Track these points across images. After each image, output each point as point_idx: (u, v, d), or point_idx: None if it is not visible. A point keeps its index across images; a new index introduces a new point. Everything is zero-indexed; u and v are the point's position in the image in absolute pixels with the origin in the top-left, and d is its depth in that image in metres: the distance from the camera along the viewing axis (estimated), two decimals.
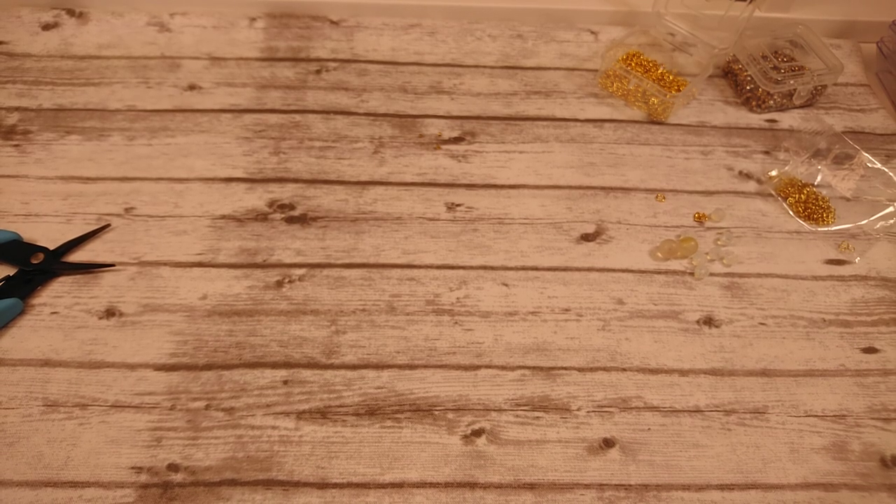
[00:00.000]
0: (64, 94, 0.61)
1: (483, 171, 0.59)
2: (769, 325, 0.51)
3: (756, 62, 0.64)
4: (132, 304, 0.49)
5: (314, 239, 0.53)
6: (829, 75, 0.64)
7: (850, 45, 0.72)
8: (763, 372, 0.49)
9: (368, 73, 0.65)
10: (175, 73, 0.63)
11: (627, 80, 0.63)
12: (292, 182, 0.57)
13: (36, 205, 0.54)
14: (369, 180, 0.57)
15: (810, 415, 0.47)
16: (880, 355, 0.50)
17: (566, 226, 0.56)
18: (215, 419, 0.44)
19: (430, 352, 0.48)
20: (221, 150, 0.58)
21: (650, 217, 0.57)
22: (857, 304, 0.53)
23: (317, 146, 0.59)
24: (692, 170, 0.60)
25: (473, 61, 0.67)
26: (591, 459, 0.44)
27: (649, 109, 0.64)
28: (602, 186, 0.58)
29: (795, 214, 0.58)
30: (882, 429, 0.46)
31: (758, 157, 0.62)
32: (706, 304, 0.52)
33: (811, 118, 0.64)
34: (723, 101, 0.66)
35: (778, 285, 0.53)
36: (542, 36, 0.70)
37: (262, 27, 0.68)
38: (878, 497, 0.44)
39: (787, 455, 0.45)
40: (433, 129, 0.61)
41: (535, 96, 0.65)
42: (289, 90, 0.63)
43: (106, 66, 0.63)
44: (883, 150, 0.63)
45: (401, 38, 0.69)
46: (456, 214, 0.56)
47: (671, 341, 0.50)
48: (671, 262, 0.54)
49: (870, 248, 0.56)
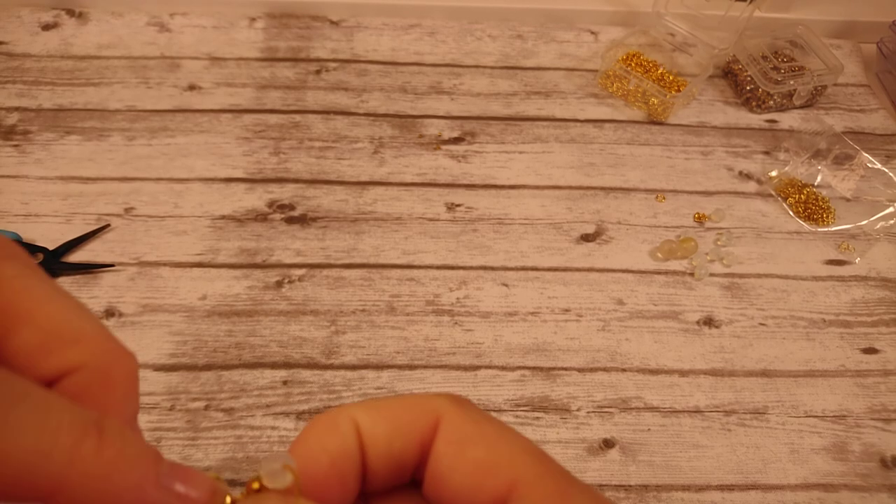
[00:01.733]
0: (64, 95, 0.61)
1: (483, 172, 0.59)
2: (769, 325, 0.51)
3: (756, 62, 0.64)
4: (132, 304, 0.49)
5: (314, 239, 0.53)
6: (829, 75, 0.64)
7: (851, 45, 0.72)
8: (763, 372, 0.49)
9: (368, 73, 0.65)
10: (175, 73, 0.63)
11: (627, 80, 0.63)
12: (292, 182, 0.57)
13: (35, 205, 0.54)
14: (369, 180, 0.57)
15: (810, 415, 0.47)
16: (880, 356, 0.50)
17: (566, 226, 0.56)
18: (215, 419, 0.44)
19: (429, 352, 0.48)
20: (221, 151, 0.58)
21: (650, 217, 0.57)
22: (857, 305, 0.53)
23: (317, 146, 0.59)
24: (692, 170, 0.60)
25: (473, 61, 0.67)
26: (591, 460, 0.44)
27: (649, 110, 0.64)
28: (602, 187, 0.58)
29: (795, 215, 0.58)
30: (882, 429, 0.46)
31: (758, 158, 0.62)
32: (706, 304, 0.52)
33: (811, 118, 0.64)
34: (723, 102, 0.66)
35: (778, 286, 0.53)
36: (542, 36, 0.70)
37: (261, 27, 0.68)
38: (879, 498, 0.44)
39: (787, 455, 0.45)
40: (433, 129, 0.61)
41: (535, 96, 0.65)
42: (289, 90, 0.63)
43: (106, 67, 0.63)
44: (883, 150, 0.63)
45: (401, 39, 0.69)
46: (456, 215, 0.56)
47: (671, 342, 0.50)
48: (671, 263, 0.54)
49: (870, 249, 0.56)
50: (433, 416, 0.21)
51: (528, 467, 0.20)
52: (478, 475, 0.21)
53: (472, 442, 0.21)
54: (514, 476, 0.20)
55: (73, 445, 0.15)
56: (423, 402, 0.21)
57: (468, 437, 0.21)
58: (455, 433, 0.21)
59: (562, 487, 0.20)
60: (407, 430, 0.21)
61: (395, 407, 0.21)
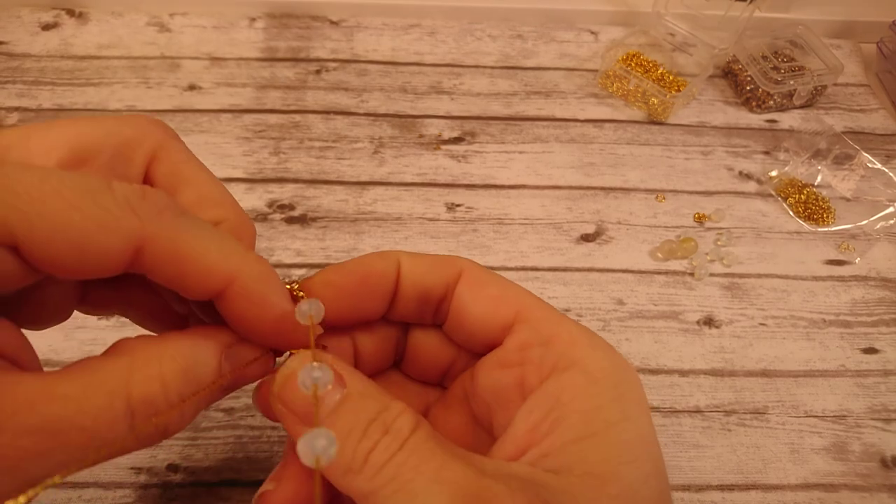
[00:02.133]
0: (64, 95, 0.61)
1: (483, 172, 0.59)
2: (769, 325, 0.51)
3: (756, 62, 0.64)
4: None
5: (314, 239, 0.53)
6: (829, 75, 0.64)
7: (851, 45, 0.72)
8: (763, 372, 0.49)
9: (368, 73, 0.65)
10: (175, 73, 0.63)
11: (627, 80, 0.63)
12: (292, 182, 0.57)
13: None
14: (369, 180, 0.57)
15: (810, 415, 0.47)
16: (880, 356, 0.50)
17: (566, 226, 0.56)
18: (215, 419, 0.44)
19: None
20: (221, 151, 0.58)
21: (650, 217, 0.57)
22: (857, 305, 0.53)
23: (317, 146, 0.59)
24: (692, 170, 0.60)
25: (473, 61, 0.67)
26: None
27: (649, 110, 0.64)
28: (602, 187, 0.58)
29: (795, 215, 0.58)
30: (882, 429, 0.46)
31: (758, 158, 0.62)
32: (706, 304, 0.52)
33: (811, 118, 0.64)
34: (723, 102, 0.66)
35: (778, 286, 0.53)
36: (542, 36, 0.70)
37: (261, 27, 0.68)
38: (879, 497, 0.44)
39: (787, 455, 0.45)
40: (433, 129, 0.61)
41: (535, 96, 0.65)
42: (289, 90, 0.63)
43: (106, 67, 0.63)
44: (883, 150, 0.63)
45: (401, 39, 0.69)
46: (456, 215, 0.56)
47: (671, 341, 0.50)
48: (671, 263, 0.54)
49: (870, 249, 0.56)
50: (458, 268, 0.28)
51: (531, 301, 0.27)
52: (491, 305, 0.27)
53: (487, 284, 0.28)
54: (519, 306, 0.27)
55: (244, 251, 0.24)
56: (451, 258, 0.28)
57: (484, 281, 0.28)
58: (474, 278, 0.28)
59: (556, 315, 0.27)
60: (437, 272, 0.27)
61: (431, 256, 0.28)
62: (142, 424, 0.20)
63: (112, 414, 0.20)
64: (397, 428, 0.22)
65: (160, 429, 0.21)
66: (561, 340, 0.25)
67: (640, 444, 0.24)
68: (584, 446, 0.23)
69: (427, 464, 0.21)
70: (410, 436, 0.21)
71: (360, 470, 0.21)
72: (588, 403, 0.23)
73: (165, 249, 0.21)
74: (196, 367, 0.23)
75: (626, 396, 0.24)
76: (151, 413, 0.21)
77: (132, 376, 0.21)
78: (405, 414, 0.22)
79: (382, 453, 0.21)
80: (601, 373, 0.24)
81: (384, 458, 0.21)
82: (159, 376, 0.21)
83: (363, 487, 0.21)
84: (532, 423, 0.24)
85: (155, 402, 0.21)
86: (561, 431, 0.23)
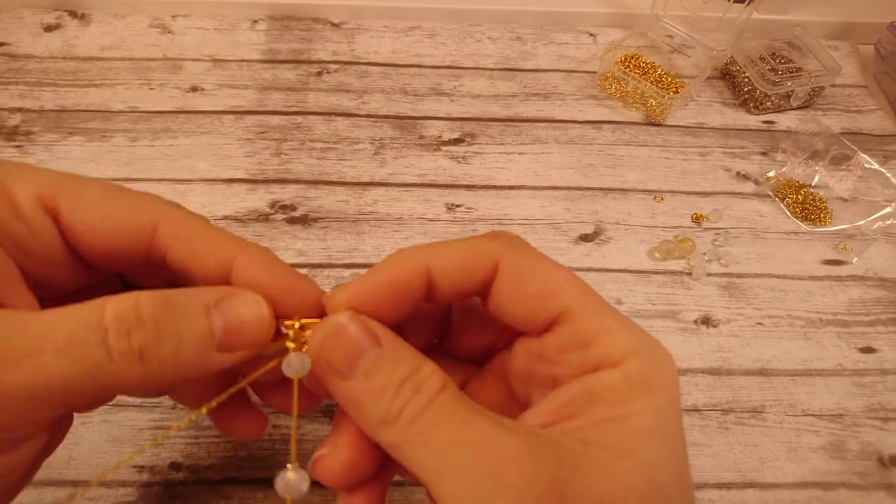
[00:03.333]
0: (66, 96, 0.61)
1: (483, 173, 0.59)
2: (766, 324, 0.51)
3: (754, 64, 0.64)
4: None
5: (315, 239, 0.54)
6: (826, 77, 0.64)
7: (848, 46, 0.72)
8: (761, 371, 0.49)
9: (369, 75, 0.66)
10: (177, 74, 0.64)
11: (626, 81, 0.64)
12: (293, 183, 0.57)
13: None
14: (370, 181, 0.58)
15: (808, 414, 0.47)
16: (878, 355, 0.50)
17: (565, 226, 0.56)
18: None
19: None
20: (223, 152, 0.59)
21: (648, 218, 0.57)
22: (854, 305, 0.53)
23: (318, 147, 0.60)
24: (690, 171, 0.61)
25: (473, 63, 0.68)
26: None
27: (647, 111, 0.64)
28: (600, 187, 0.59)
29: (793, 215, 0.58)
30: (880, 428, 0.47)
31: (755, 159, 0.62)
32: (704, 304, 0.52)
33: (809, 119, 0.64)
34: (720, 103, 0.67)
35: (775, 285, 0.54)
36: (541, 38, 0.71)
37: (263, 29, 0.68)
38: (876, 496, 0.44)
39: (784, 454, 0.45)
40: (433, 130, 0.62)
41: (534, 98, 0.65)
42: (290, 92, 0.63)
43: (108, 68, 0.64)
44: (880, 150, 0.63)
45: (401, 41, 0.69)
46: (456, 215, 0.56)
47: (669, 341, 0.50)
48: (669, 263, 0.54)
49: (867, 249, 0.56)
50: (492, 259, 0.27)
51: (575, 292, 0.26)
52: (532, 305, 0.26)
53: (527, 280, 0.26)
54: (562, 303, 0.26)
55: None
56: (484, 245, 0.27)
57: (523, 277, 0.27)
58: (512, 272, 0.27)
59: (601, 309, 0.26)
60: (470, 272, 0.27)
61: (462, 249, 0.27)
62: (115, 340, 0.22)
63: (84, 330, 0.21)
64: (427, 387, 0.23)
65: (135, 349, 0.22)
66: (602, 343, 0.25)
67: (660, 432, 0.24)
68: (606, 427, 0.24)
69: (453, 420, 0.23)
70: (438, 394, 0.23)
71: (393, 423, 0.23)
72: (619, 396, 0.24)
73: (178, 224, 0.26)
74: (177, 306, 0.24)
75: (659, 397, 0.25)
76: (125, 330, 0.22)
77: (108, 301, 0.22)
78: (435, 374, 0.24)
79: (412, 409, 0.23)
80: (641, 376, 0.25)
81: (413, 414, 0.23)
82: (134, 297, 0.23)
83: (394, 439, 0.23)
84: (559, 403, 0.25)
85: (127, 319, 0.22)
86: (587, 415, 0.24)
